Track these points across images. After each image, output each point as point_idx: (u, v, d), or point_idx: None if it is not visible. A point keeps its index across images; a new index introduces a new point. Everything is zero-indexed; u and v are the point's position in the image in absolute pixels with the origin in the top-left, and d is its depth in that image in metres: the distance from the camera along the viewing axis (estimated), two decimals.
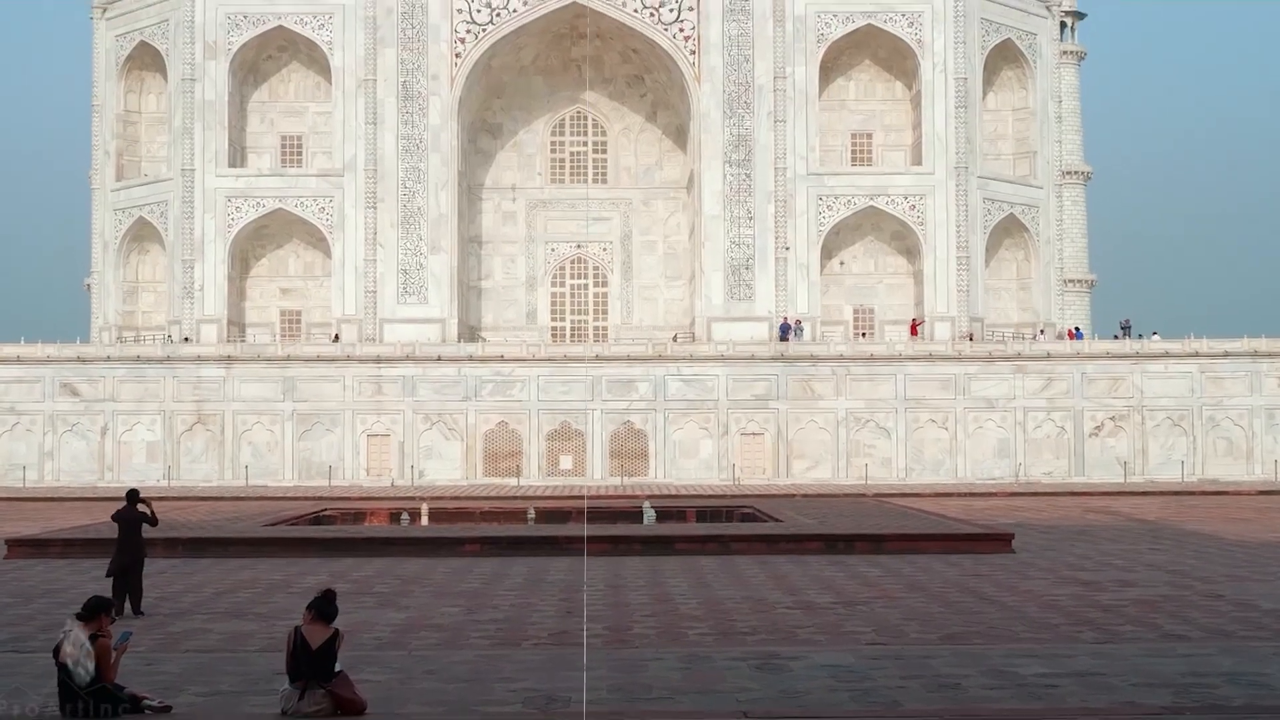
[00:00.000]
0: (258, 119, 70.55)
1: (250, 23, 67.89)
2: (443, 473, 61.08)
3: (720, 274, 67.03)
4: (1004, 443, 61.80)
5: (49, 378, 61.99)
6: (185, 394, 61.64)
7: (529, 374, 61.70)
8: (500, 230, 72.87)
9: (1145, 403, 62.18)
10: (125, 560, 23.07)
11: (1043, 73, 71.37)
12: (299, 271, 70.60)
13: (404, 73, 67.37)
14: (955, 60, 67.73)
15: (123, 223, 69.95)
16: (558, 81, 72.90)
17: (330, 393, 61.67)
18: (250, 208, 67.74)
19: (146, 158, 71.63)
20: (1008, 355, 62.44)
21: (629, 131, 73.30)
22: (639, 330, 71.06)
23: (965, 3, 67.85)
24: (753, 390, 61.77)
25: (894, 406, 61.71)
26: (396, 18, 67.30)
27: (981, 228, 68.31)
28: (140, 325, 70.44)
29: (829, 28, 67.86)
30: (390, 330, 66.15)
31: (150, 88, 71.55)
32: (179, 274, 67.34)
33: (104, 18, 71.21)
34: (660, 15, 67.56)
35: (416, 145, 67.30)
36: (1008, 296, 71.24)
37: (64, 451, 61.74)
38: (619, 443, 61.56)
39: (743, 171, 67.30)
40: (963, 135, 67.60)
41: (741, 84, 67.43)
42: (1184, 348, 62.65)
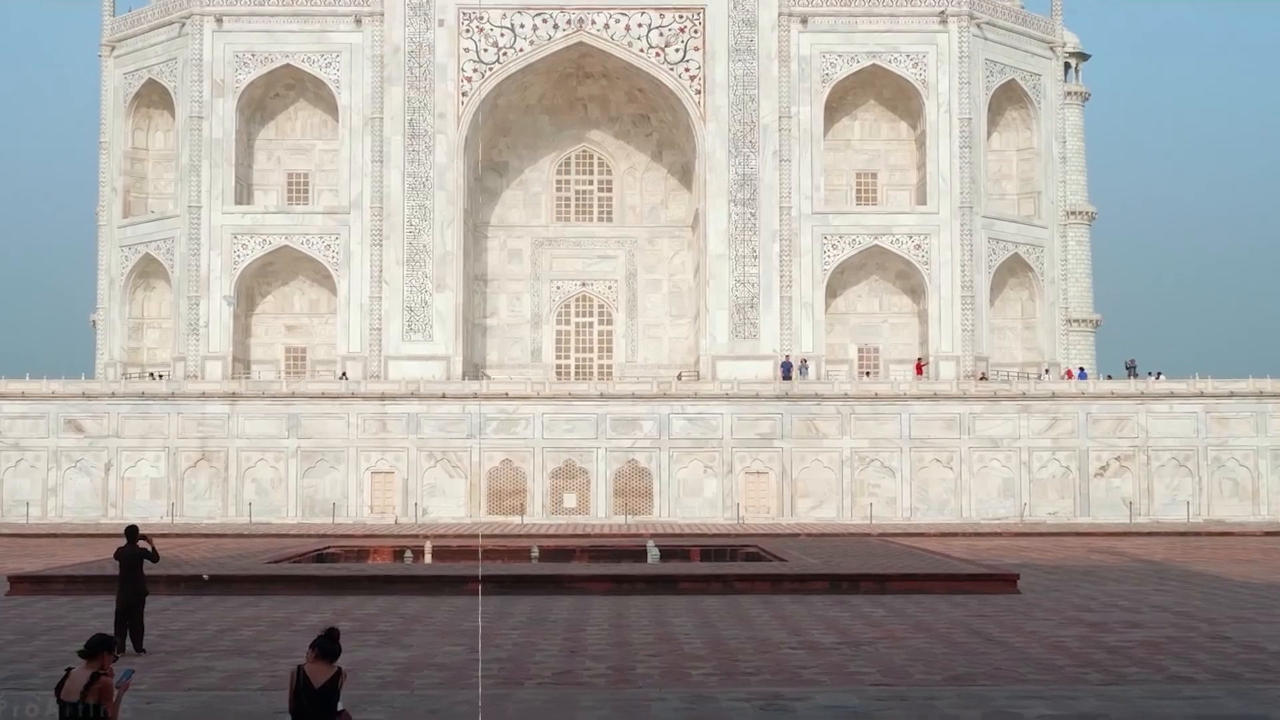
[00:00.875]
0: (264, 156, 70.81)
1: (258, 61, 68.23)
2: (446, 510, 60.98)
3: (725, 312, 67.08)
4: (1009, 482, 61.67)
5: (53, 414, 61.99)
6: (189, 430, 61.63)
7: (533, 412, 61.67)
8: (505, 268, 72.99)
9: (1150, 443, 62.05)
10: (127, 597, 23.02)
11: (1047, 113, 71.56)
12: (304, 308, 70.70)
13: (410, 111, 67.64)
14: (960, 101, 67.95)
15: (129, 259, 70.12)
16: (563, 120, 73.17)
17: (334, 430, 61.64)
18: (256, 245, 67.89)
19: (153, 195, 71.85)
20: (1013, 395, 62.37)
21: (634, 170, 73.50)
22: (644, 368, 71.06)
23: (970, 44, 68.13)
24: (757, 429, 61.70)
25: (899, 446, 61.61)
26: (404, 56, 67.62)
27: (986, 267, 68.37)
28: (145, 362, 70.49)
29: (834, 68, 68.12)
30: (395, 367, 66.18)
31: (158, 125, 71.85)
32: (184, 310, 67.43)
33: (112, 56, 71.57)
34: (666, 55, 67.85)
35: (422, 183, 67.49)
36: (1013, 336, 71.22)
37: (67, 488, 61.69)
38: (623, 481, 61.47)
39: (748, 210, 67.44)
40: (967, 175, 67.76)
41: (747, 123, 67.65)
42: (1189, 388, 62.58)
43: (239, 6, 68.23)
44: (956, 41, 68.06)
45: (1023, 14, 71.64)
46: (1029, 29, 71.20)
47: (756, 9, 67.77)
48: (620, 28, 67.78)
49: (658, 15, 67.88)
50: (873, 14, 68.27)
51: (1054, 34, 72.01)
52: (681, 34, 67.77)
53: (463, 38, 67.70)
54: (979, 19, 68.66)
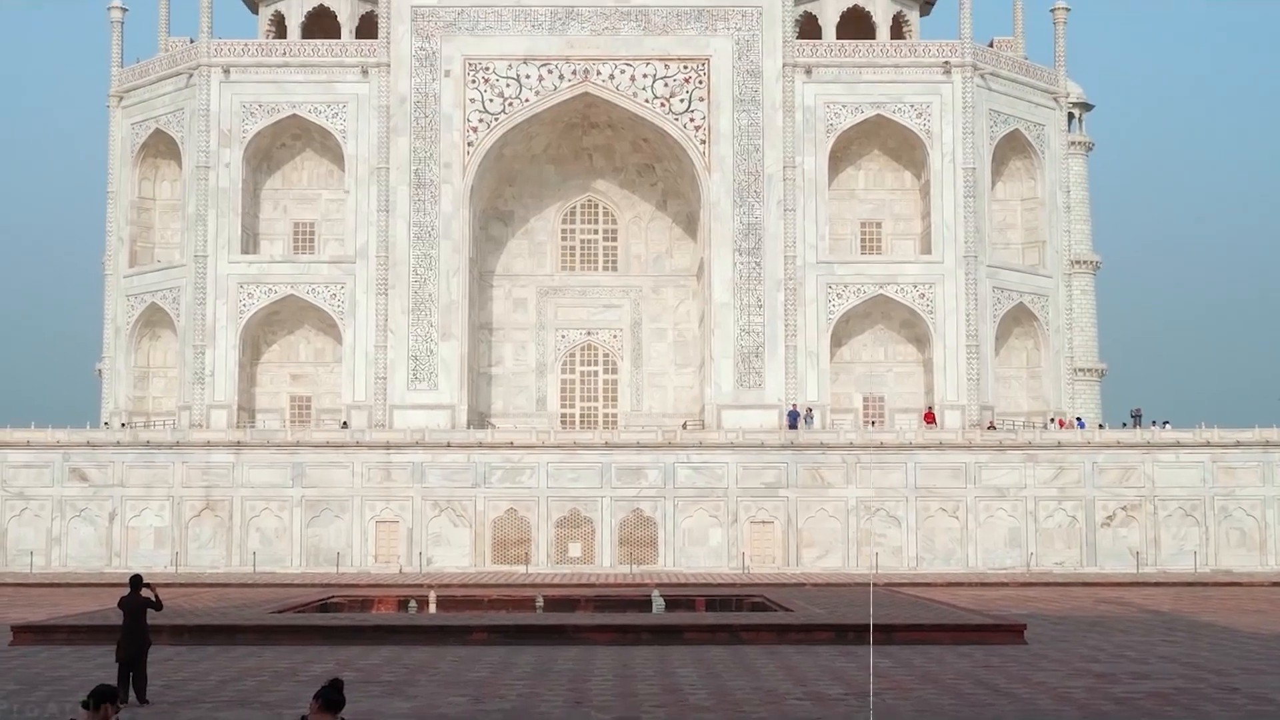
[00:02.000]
0: (271, 206, 71.06)
1: (265, 111, 68.57)
2: (451, 560, 60.81)
3: (730, 361, 67.12)
4: (1015, 532, 61.47)
5: (58, 463, 61.96)
6: (194, 479, 61.57)
7: (538, 461, 61.59)
8: (511, 317, 73.10)
9: (1157, 492, 61.88)
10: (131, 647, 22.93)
11: (1051, 163, 71.77)
12: (309, 357, 70.76)
13: (416, 161, 67.93)
14: (964, 151, 68.17)
15: (135, 308, 70.27)
16: (569, 170, 73.45)
17: (339, 479, 61.58)
18: (262, 294, 68.05)
19: (160, 244, 72.06)
20: (1018, 444, 62.26)
21: (639, 219, 73.70)
22: (649, 417, 71.01)
23: (973, 94, 68.42)
24: (762, 478, 61.59)
25: (904, 495, 61.47)
26: (410, 107, 67.97)
27: (991, 316, 68.42)
28: (150, 411, 70.50)
29: (838, 118, 68.40)
30: (400, 416, 66.16)
31: (165, 175, 72.14)
32: (190, 359, 67.51)
33: (120, 106, 71.95)
34: (671, 105, 68.17)
35: (428, 232, 67.70)
36: (1018, 385, 71.17)
37: (71, 537, 61.56)
38: (628, 530, 61.32)
39: (752, 260, 67.58)
40: (971, 225, 67.90)
41: (751, 173, 67.89)
42: (1195, 437, 62.44)
43: (246, 57, 68.65)
44: (960, 92, 68.34)
45: (1026, 65, 71.97)
46: (1032, 80, 71.50)
47: (761, 60, 68.14)
48: (625, 78, 68.14)
49: (663, 66, 68.25)
50: (876, 65, 68.62)
51: (1057, 85, 72.31)
52: (686, 84, 68.11)
53: (468, 88, 68.05)
54: (983, 70, 68.98)
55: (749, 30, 68.31)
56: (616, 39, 68.25)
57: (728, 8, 68.37)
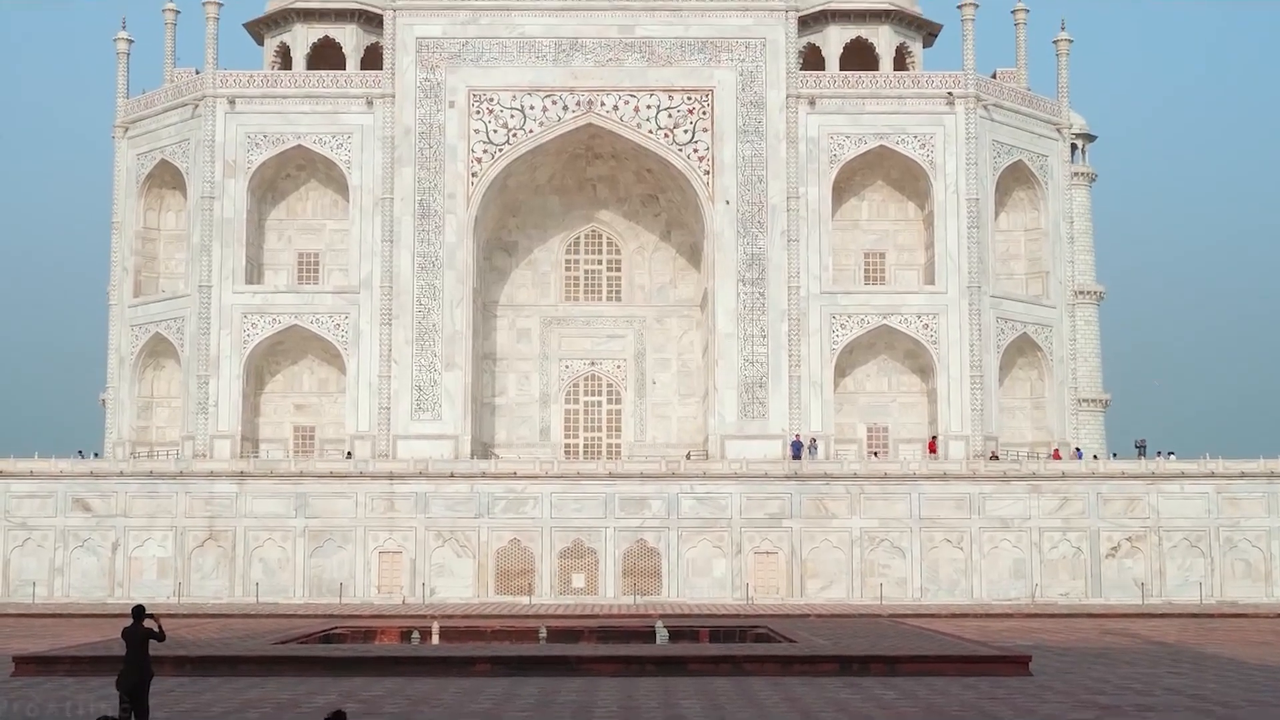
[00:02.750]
0: (275, 236, 71.16)
1: (270, 142, 68.75)
2: (454, 590, 60.66)
3: (734, 392, 67.11)
4: (1020, 563, 61.29)
5: (61, 493, 61.91)
6: (197, 510, 61.49)
7: (542, 491, 61.51)
8: (514, 347, 73.11)
9: (1162, 523, 61.72)
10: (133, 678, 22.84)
11: (1054, 194, 71.86)
12: (313, 388, 70.75)
13: (421, 191, 68.06)
14: (967, 181, 68.28)
15: (139, 338, 70.32)
16: (573, 200, 73.56)
17: (342, 509, 61.49)
18: (266, 324, 68.11)
19: (164, 274, 72.14)
20: (1023, 475, 62.14)
21: (643, 250, 73.78)
22: (652, 448, 70.94)
23: (976, 125, 68.55)
24: (766, 509, 61.48)
25: (909, 526, 61.34)
26: (414, 138, 68.14)
27: (995, 347, 68.39)
28: (154, 441, 70.47)
29: (841, 149, 68.53)
30: (404, 446, 66.12)
31: (170, 205, 72.26)
32: (194, 390, 67.52)
33: (125, 137, 72.14)
34: (675, 136, 68.32)
35: (432, 263, 67.79)
36: (1022, 416, 71.09)
37: (74, 567, 61.44)
38: (632, 561, 61.18)
39: (756, 290, 67.63)
40: (975, 255, 67.95)
41: (755, 204, 68.00)
42: (1200, 468, 62.31)
43: (251, 88, 68.87)
44: (963, 123, 68.48)
45: (1029, 96, 72.12)
46: (1035, 111, 71.64)
47: (764, 91, 68.31)
48: (629, 109, 68.32)
49: (666, 97, 68.44)
50: (880, 96, 68.79)
51: (1060, 116, 72.45)
52: (690, 115, 68.29)
53: (473, 119, 68.24)
54: (985, 101, 69.13)
55: (752, 61, 68.51)
56: (620, 70, 68.46)
57: (731, 39, 68.58)
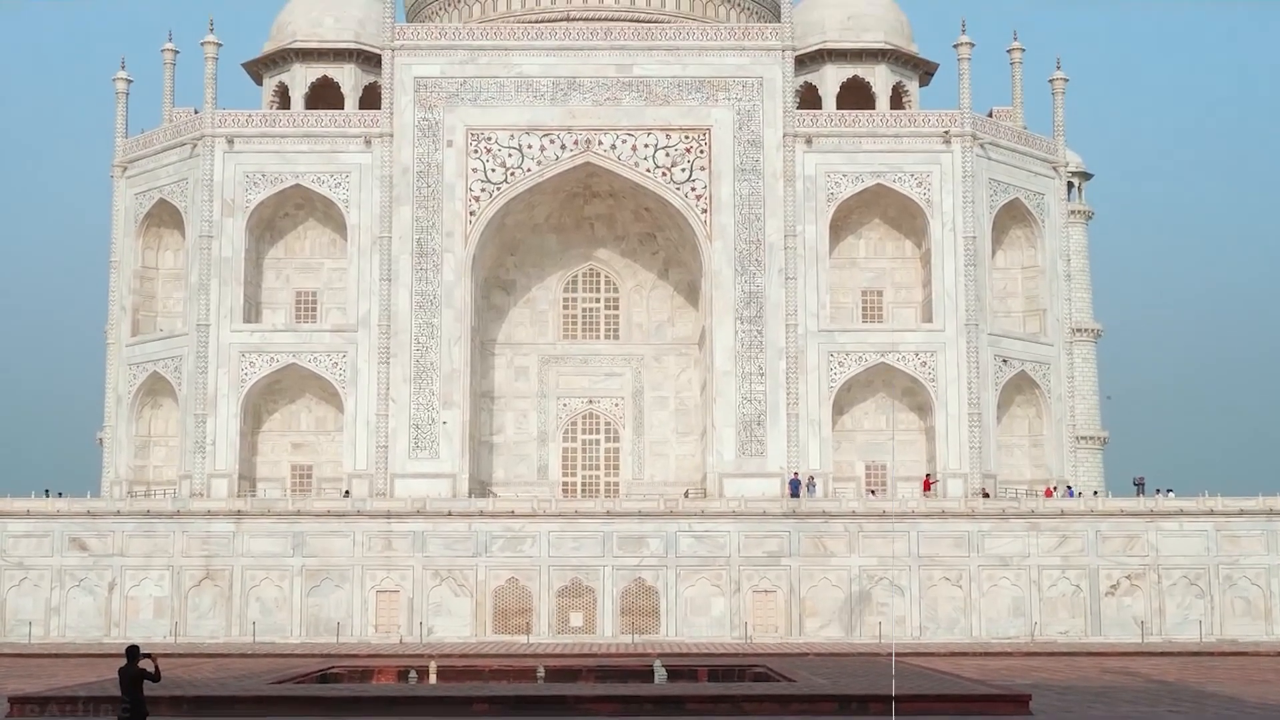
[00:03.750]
0: (273, 275, 71.22)
1: (268, 181, 68.90)
2: (452, 630, 60.44)
3: (732, 430, 67.08)
4: (1019, 601, 61.11)
5: (58, 532, 61.73)
6: (194, 549, 61.32)
7: (540, 530, 61.38)
8: (512, 385, 73.10)
9: (1161, 561, 61.57)
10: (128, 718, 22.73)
11: (1051, 232, 72.03)
12: (311, 426, 70.68)
13: (419, 230, 68.19)
14: (964, 219, 68.44)
15: (137, 377, 70.30)
16: (570, 239, 73.70)
17: (340, 548, 61.32)
18: (264, 363, 68.10)
19: (162, 313, 72.19)
20: (1021, 512, 62.02)
21: (641, 288, 73.88)
22: (650, 486, 70.85)
23: (973, 164, 68.77)
24: (765, 547, 61.33)
25: (907, 564, 61.18)
26: (412, 177, 68.31)
27: (993, 385, 68.41)
28: (151, 480, 70.35)
29: (839, 187, 68.73)
30: (401, 485, 66.03)
31: (168, 244, 72.36)
32: (191, 428, 67.46)
33: (124, 176, 72.32)
34: (672, 175, 68.52)
35: (430, 301, 67.86)
36: (1020, 453, 71.05)
37: (70, 607, 61.21)
38: (630, 600, 60.99)
39: (754, 328, 67.70)
40: (972, 293, 68.05)
41: (753, 242, 68.15)
42: (1199, 506, 62.20)
43: (250, 128, 69.09)
44: (960, 161, 68.71)
45: (1025, 134, 72.38)
46: (1032, 149, 71.90)
47: (762, 130, 68.57)
48: (627, 148, 68.54)
49: (664, 136, 68.68)
50: (876, 134, 69.05)
51: (1056, 154, 72.72)
52: (688, 154, 68.52)
53: (471, 158, 68.45)
54: (982, 139, 69.38)
55: (750, 100, 68.78)
56: (618, 109, 68.71)
57: (728, 79, 68.88)
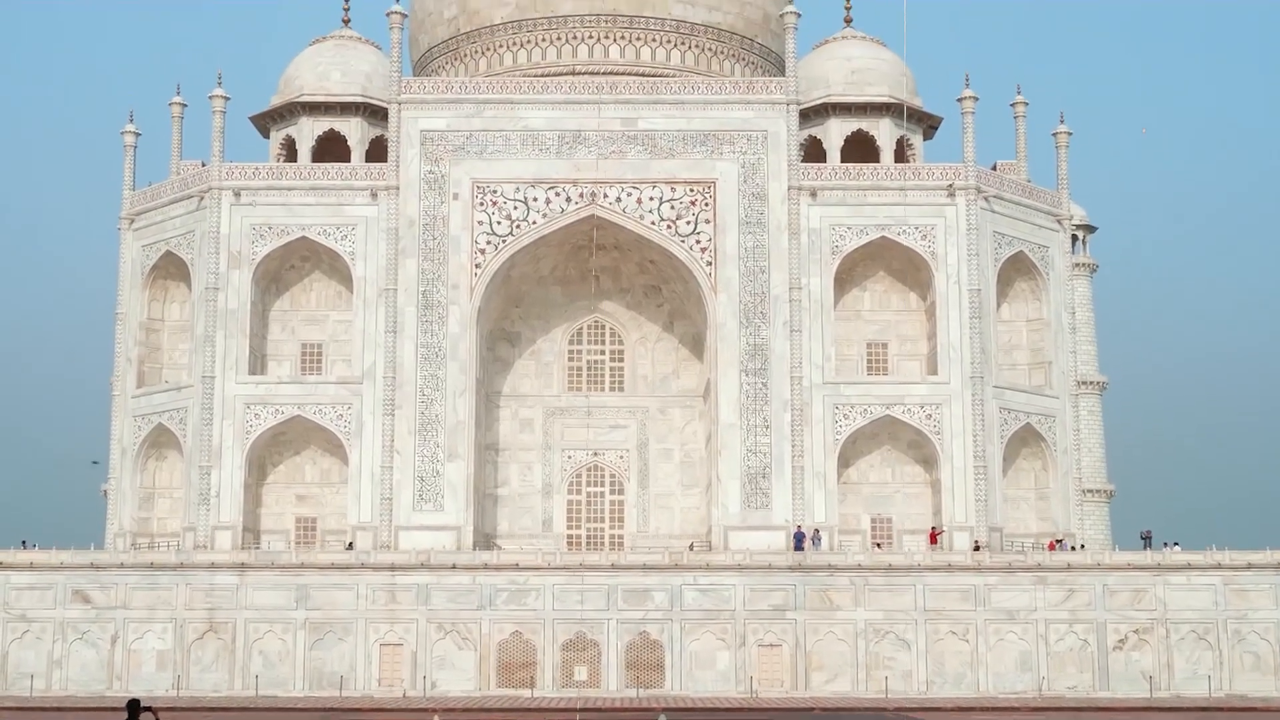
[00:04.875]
0: (279, 327, 71.30)
1: (274, 234, 69.11)
2: (456, 683, 60.14)
3: (737, 482, 66.93)
4: (1026, 655, 60.79)
5: (61, 584, 61.57)
6: (197, 601, 61.13)
7: (544, 583, 61.16)
8: (517, 438, 73.02)
9: (1169, 615, 61.26)
10: None
11: (1055, 285, 72.10)
12: (315, 478, 70.54)
13: (424, 282, 68.31)
14: (968, 272, 68.52)
15: (142, 429, 70.27)
16: (575, 291, 73.80)
17: (343, 601, 61.11)
18: (269, 414, 68.08)
19: (168, 365, 72.24)
20: (1028, 566, 61.79)
21: (646, 340, 73.90)
22: (655, 539, 70.65)
23: (977, 217, 68.92)
24: (770, 600, 61.09)
25: (913, 618, 60.90)
26: (418, 229, 68.50)
27: (998, 437, 68.29)
28: (155, 532, 70.20)
29: (843, 240, 68.88)
30: (405, 537, 65.85)
31: (174, 296, 72.50)
32: (196, 480, 67.37)
33: (131, 229, 72.58)
34: (677, 228, 68.69)
35: (435, 353, 67.90)
36: (1026, 506, 70.82)
37: (73, 660, 60.98)
38: (635, 653, 60.70)
39: (759, 380, 67.67)
40: (977, 346, 68.03)
41: (757, 294, 68.23)
42: (1206, 559, 61.95)
43: (257, 180, 69.37)
44: (964, 214, 68.87)
45: (1029, 187, 72.57)
46: (1036, 202, 72.08)
47: (766, 183, 68.78)
48: (632, 201, 68.75)
49: (669, 189, 68.90)
50: (881, 188, 69.26)
51: (1060, 207, 72.87)
52: (693, 207, 68.72)
53: (476, 211, 68.67)
54: (986, 192, 69.57)
55: (754, 154, 69.04)
56: (623, 163, 68.97)
57: (733, 132, 69.17)
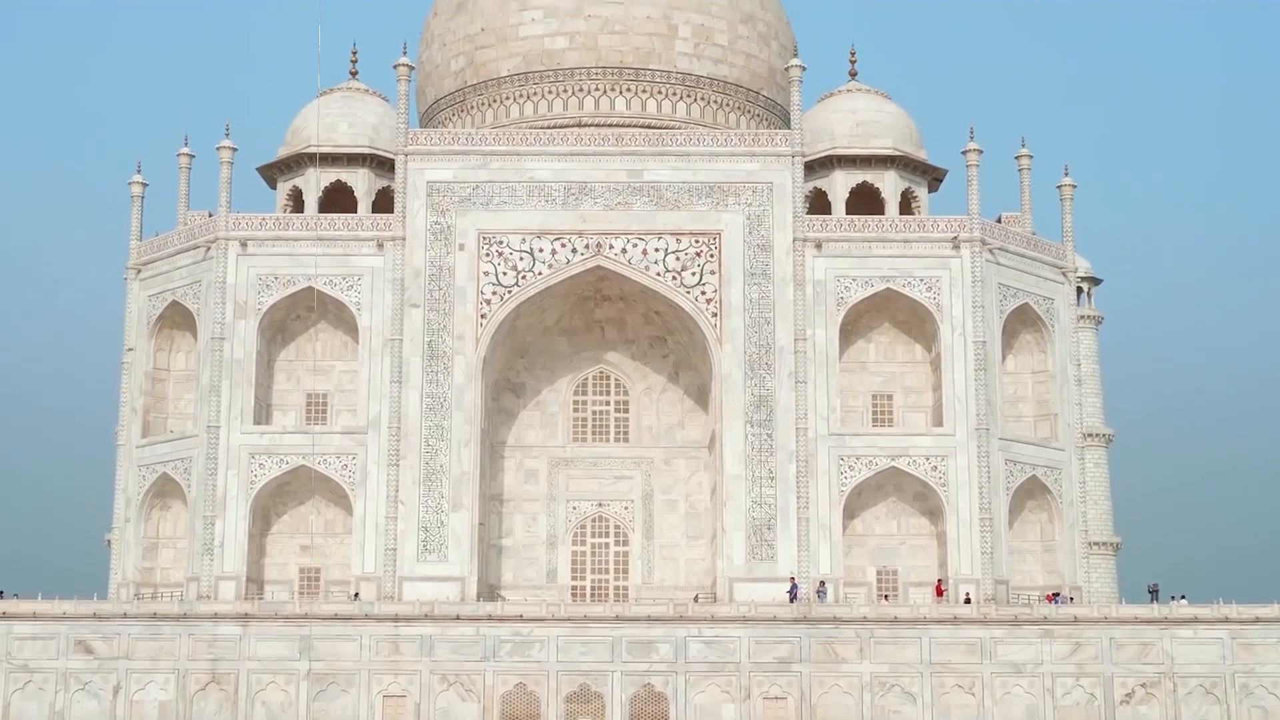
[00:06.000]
0: (284, 377, 71.34)
1: (281, 284, 69.28)
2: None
3: (742, 534, 66.76)
4: (1033, 709, 60.42)
5: (64, 635, 61.38)
6: (200, 652, 60.91)
7: (548, 634, 60.92)
8: (522, 488, 72.91)
9: (1176, 669, 60.92)
10: None
11: (1061, 337, 72.09)
12: (320, 528, 70.38)
13: (430, 333, 68.42)
14: (974, 324, 68.55)
15: (146, 479, 70.22)
16: (581, 342, 73.86)
17: (347, 652, 60.87)
18: (274, 464, 68.05)
19: (173, 414, 72.24)
20: (1034, 619, 61.52)
21: (651, 391, 73.90)
22: (660, 590, 70.37)
23: (982, 269, 69.03)
24: (775, 652, 60.81)
25: (919, 671, 60.58)
26: (424, 280, 68.68)
27: (1004, 489, 68.12)
28: (159, 582, 70.00)
29: (848, 291, 68.98)
30: (410, 588, 65.67)
31: (180, 346, 72.60)
32: (200, 530, 67.25)
33: (138, 278, 72.76)
34: (682, 279, 68.83)
35: (440, 403, 67.91)
36: (1033, 559, 70.54)
37: (75, 711, 60.69)
38: (639, 706, 60.39)
39: (764, 432, 67.61)
40: (983, 397, 67.99)
41: (763, 345, 68.28)
42: (1213, 613, 61.65)
43: (263, 231, 69.62)
44: (969, 266, 68.98)
45: (1034, 240, 72.71)
46: (1041, 254, 72.17)
47: (771, 234, 68.96)
48: (637, 252, 68.93)
49: (674, 240, 69.09)
50: (886, 239, 69.42)
51: (1065, 259, 72.96)
52: (698, 258, 68.88)
53: (482, 261, 68.86)
54: (991, 244, 69.69)
55: (760, 205, 69.27)
56: (629, 214, 69.21)
57: (738, 184, 69.43)
